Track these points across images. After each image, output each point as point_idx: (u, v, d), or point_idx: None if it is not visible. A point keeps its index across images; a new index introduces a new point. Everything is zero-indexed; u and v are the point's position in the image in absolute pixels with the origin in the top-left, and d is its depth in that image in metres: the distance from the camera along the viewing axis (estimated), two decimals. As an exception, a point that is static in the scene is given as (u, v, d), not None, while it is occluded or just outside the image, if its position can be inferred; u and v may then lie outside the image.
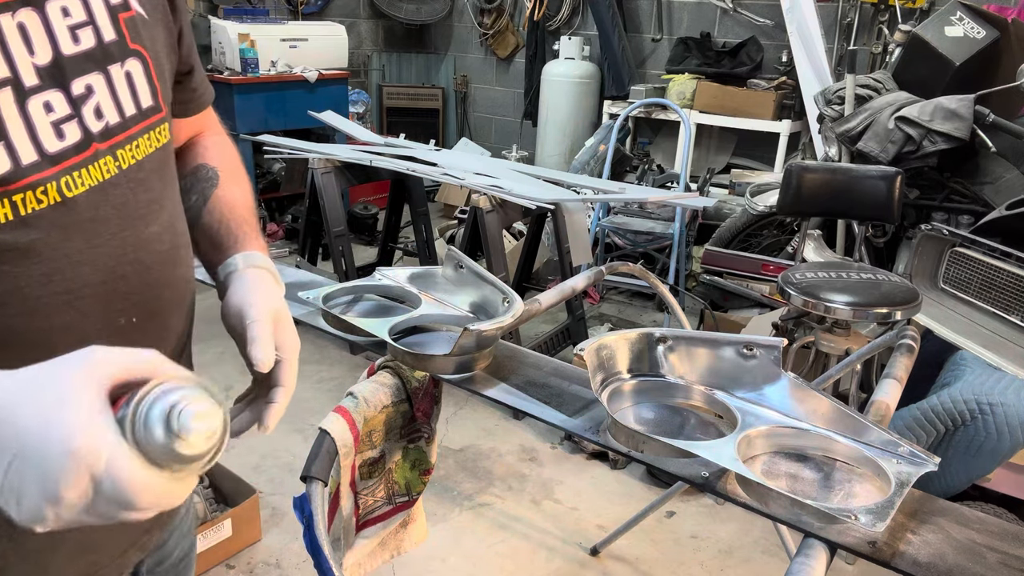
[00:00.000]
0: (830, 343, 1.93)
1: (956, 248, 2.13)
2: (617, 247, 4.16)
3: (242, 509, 2.13)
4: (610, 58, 4.96)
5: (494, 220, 2.86)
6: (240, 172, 0.92)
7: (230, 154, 0.93)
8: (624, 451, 0.93)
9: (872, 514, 0.78)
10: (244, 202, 0.88)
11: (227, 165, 0.91)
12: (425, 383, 1.16)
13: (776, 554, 2.24)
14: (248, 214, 0.87)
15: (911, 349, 1.32)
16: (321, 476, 0.96)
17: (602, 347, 1.02)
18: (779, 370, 0.99)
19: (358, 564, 1.15)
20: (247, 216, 0.86)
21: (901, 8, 3.99)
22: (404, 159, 3.25)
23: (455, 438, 2.78)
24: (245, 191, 0.90)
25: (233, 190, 0.88)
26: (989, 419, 1.99)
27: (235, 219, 0.85)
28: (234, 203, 0.87)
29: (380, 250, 3.93)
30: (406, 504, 1.22)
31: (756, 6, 4.58)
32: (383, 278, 1.30)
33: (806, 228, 2.61)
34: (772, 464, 0.92)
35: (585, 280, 1.58)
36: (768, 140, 4.49)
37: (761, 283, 3.37)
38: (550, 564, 2.19)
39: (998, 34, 2.84)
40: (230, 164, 0.91)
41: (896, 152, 2.80)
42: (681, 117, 4.04)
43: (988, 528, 0.83)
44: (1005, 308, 2.05)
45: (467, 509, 2.40)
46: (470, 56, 6.09)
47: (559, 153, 5.18)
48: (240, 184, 0.90)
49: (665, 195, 3.34)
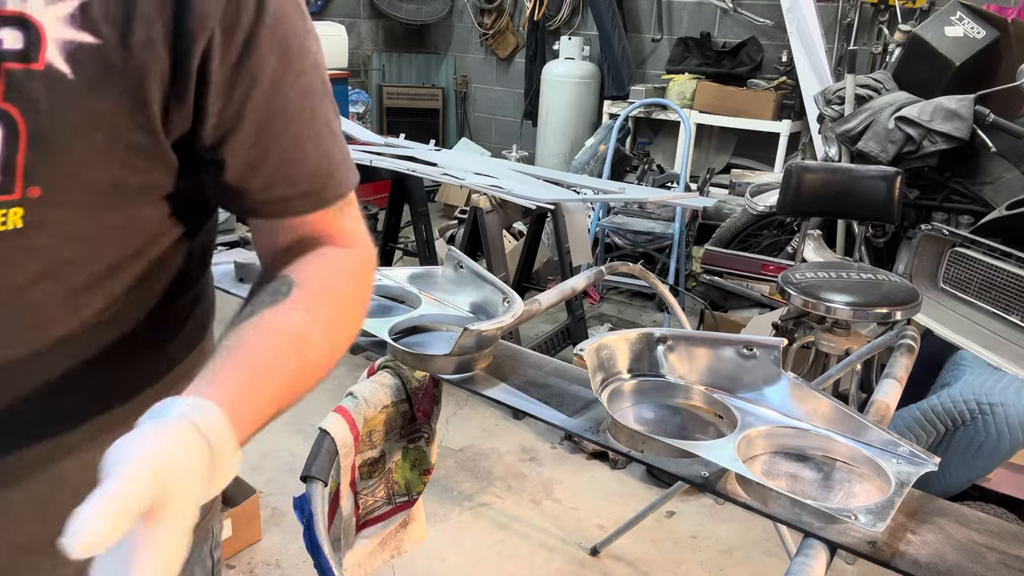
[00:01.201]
0: (830, 343, 1.93)
1: (956, 248, 2.13)
2: (617, 247, 4.15)
3: (242, 509, 2.13)
4: (610, 58, 4.96)
5: (494, 220, 2.86)
6: (328, 307, 0.63)
7: (335, 277, 0.65)
8: (624, 451, 0.93)
9: (872, 514, 0.78)
10: (283, 343, 0.59)
11: (313, 290, 0.63)
12: (425, 383, 1.16)
13: (776, 554, 2.24)
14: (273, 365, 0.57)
15: (911, 349, 1.32)
16: (321, 476, 0.96)
17: (602, 347, 1.02)
18: (779, 370, 0.99)
19: (358, 564, 1.15)
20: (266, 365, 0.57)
21: (901, 8, 3.99)
22: (404, 159, 3.25)
23: (455, 438, 2.78)
24: (309, 334, 0.60)
25: (290, 320, 0.60)
26: (989, 419, 1.99)
27: (239, 357, 0.56)
28: (267, 333, 0.59)
29: (380, 250, 3.93)
30: (406, 504, 1.22)
31: (756, 6, 4.58)
32: (383, 278, 1.30)
33: (806, 228, 2.60)
34: (772, 464, 0.92)
35: (585, 280, 1.58)
36: (768, 140, 4.49)
37: (761, 283, 3.37)
38: (550, 564, 2.19)
39: (998, 34, 2.84)
40: (319, 290, 0.63)
41: (896, 152, 2.80)
42: (681, 117, 4.04)
43: (988, 528, 0.83)
44: (1005, 308, 2.05)
45: (467, 509, 2.40)
46: (470, 56, 6.09)
47: (559, 153, 5.18)
48: (312, 317, 0.61)
49: (665, 195, 3.34)
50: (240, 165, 0.60)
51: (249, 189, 0.62)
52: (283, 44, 0.58)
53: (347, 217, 0.69)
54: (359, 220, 0.71)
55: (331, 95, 0.65)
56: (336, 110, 0.66)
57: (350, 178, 0.68)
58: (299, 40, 0.60)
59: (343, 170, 0.66)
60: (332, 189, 0.66)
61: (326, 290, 0.64)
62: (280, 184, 0.62)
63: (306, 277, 0.63)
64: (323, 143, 0.64)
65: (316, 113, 0.62)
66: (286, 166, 0.62)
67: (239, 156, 0.59)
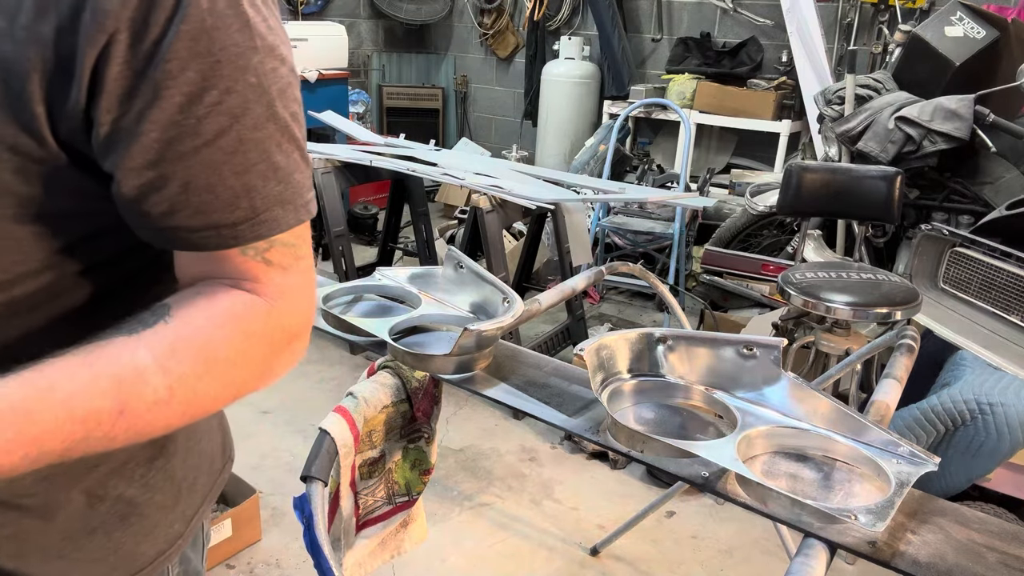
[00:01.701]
0: (830, 343, 1.93)
1: (956, 248, 2.13)
2: (617, 247, 4.16)
3: (242, 509, 2.13)
4: (610, 58, 4.96)
5: (494, 220, 2.86)
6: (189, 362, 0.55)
7: (214, 325, 0.57)
8: (624, 451, 0.93)
9: (872, 514, 0.78)
10: (105, 380, 0.52)
11: (178, 332, 0.56)
12: (425, 383, 1.16)
13: (776, 554, 2.24)
14: (75, 397, 0.50)
15: (911, 349, 1.32)
16: (321, 476, 0.96)
17: (602, 347, 1.02)
18: (779, 370, 0.99)
19: (358, 564, 1.15)
20: (63, 394, 0.50)
21: (901, 8, 3.99)
22: (404, 159, 3.25)
23: (455, 438, 2.78)
24: (146, 381, 0.53)
25: (132, 359, 0.53)
26: (989, 419, 1.99)
27: (43, 375, 0.50)
28: (93, 359, 0.52)
29: (380, 250, 3.93)
30: (406, 504, 1.22)
31: (756, 6, 4.58)
32: (383, 278, 1.30)
33: (806, 228, 2.61)
34: (772, 464, 0.92)
35: (585, 280, 1.58)
36: (768, 140, 4.49)
37: (761, 283, 3.37)
38: (550, 564, 2.19)
39: (998, 34, 2.84)
40: (186, 333, 0.56)
41: (896, 152, 2.80)
42: (681, 117, 4.04)
43: (988, 528, 0.83)
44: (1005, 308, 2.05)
45: (467, 509, 2.40)
46: (470, 56, 6.09)
47: (559, 153, 5.18)
48: (160, 365, 0.54)
49: (665, 195, 3.34)
50: (136, 184, 0.54)
51: (149, 213, 0.55)
52: (208, 57, 0.52)
53: (275, 265, 0.60)
54: (288, 270, 0.61)
55: (283, 123, 0.57)
56: (293, 139, 0.58)
57: (284, 219, 0.59)
58: (234, 55, 0.53)
59: (277, 209, 0.58)
60: (253, 228, 0.57)
61: (195, 337, 0.56)
62: (184, 212, 0.55)
63: (182, 316, 0.57)
64: (252, 175, 0.56)
65: (246, 140, 0.55)
66: (194, 193, 0.55)
67: (134, 174, 0.53)
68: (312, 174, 0.63)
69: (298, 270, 0.62)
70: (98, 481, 0.68)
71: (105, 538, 0.69)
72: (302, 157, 0.60)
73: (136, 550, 0.71)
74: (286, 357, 0.63)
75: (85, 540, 0.68)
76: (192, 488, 0.77)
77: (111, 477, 0.68)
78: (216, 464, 0.82)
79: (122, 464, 0.69)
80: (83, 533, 0.67)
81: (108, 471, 0.68)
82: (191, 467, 0.77)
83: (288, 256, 0.61)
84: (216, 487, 0.82)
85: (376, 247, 4.26)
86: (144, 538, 0.72)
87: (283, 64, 0.57)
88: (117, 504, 0.69)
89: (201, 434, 0.79)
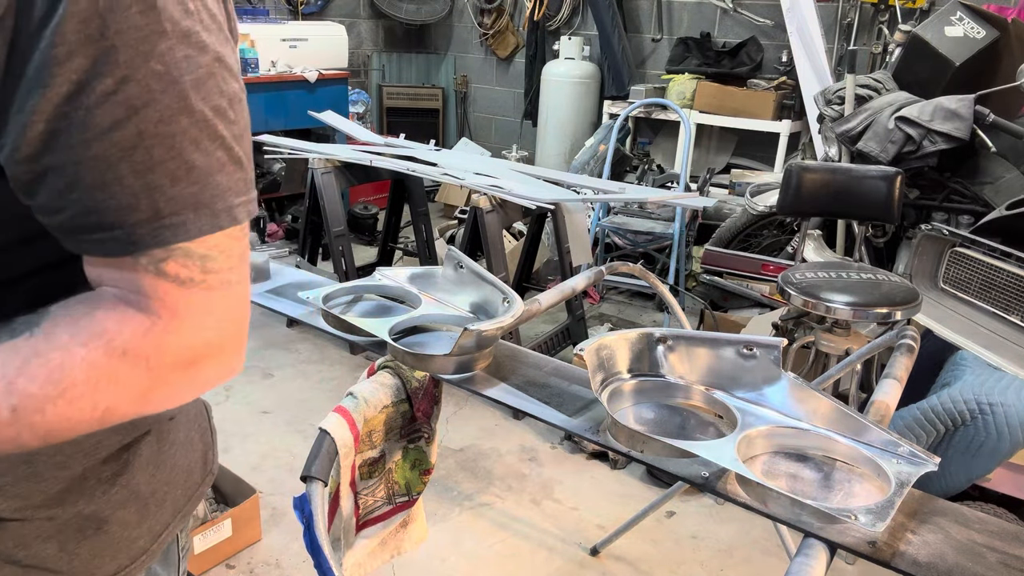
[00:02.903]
0: (830, 343, 1.93)
1: (956, 248, 2.13)
2: (617, 247, 4.16)
3: (242, 509, 2.13)
4: (610, 58, 4.96)
5: (494, 220, 2.86)
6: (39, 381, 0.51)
7: (77, 342, 0.52)
8: (624, 451, 0.93)
9: (872, 514, 0.78)
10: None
11: (38, 347, 0.52)
12: (425, 383, 1.16)
13: (776, 554, 2.24)
14: None
15: (911, 349, 1.32)
16: (321, 476, 0.96)
17: (602, 347, 1.02)
18: (779, 370, 0.99)
19: (358, 564, 1.15)
20: None
21: (901, 8, 3.99)
22: (404, 159, 3.25)
23: (455, 438, 2.78)
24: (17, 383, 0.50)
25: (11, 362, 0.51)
26: (989, 419, 1.99)
27: None
28: None
29: (380, 250, 3.94)
30: (406, 504, 1.22)
31: (756, 6, 4.58)
32: (383, 278, 1.30)
33: (806, 228, 2.61)
34: (772, 464, 0.92)
35: (585, 280, 1.58)
36: (768, 140, 4.49)
37: (761, 283, 3.37)
38: (550, 564, 2.19)
39: (998, 34, 2.84)
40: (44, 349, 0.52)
41: (896, 152, 2.80)
42: (681, 117, 4.04)
43: (988, 528, 0.83)
44: (1005, 308, 2.05)
45: (467, 509, 2.40)
46: (470, 56, 6.09)
47: (559, 153, 5.18)
48: (6, 383, 0.50)
49: (665, 195, 3.33)
50: (24, 179, 0.50)
51: (41, 209, 0.51)
52: (101, 42, 0.47)
53: (163, 275, 0.53)
54: (188, 285, 0.54)
55: (201, 117, 0.52)
56: (216, 136, 0.53)
57: (195, 224, 0.52)
58: (134, 40, 0.48)
59: (186, 213, 0.52)
60: (154, 233, 0.51)
61: (52, 354, 0.51)
62: (74, 211, 0.50)
63: (49, 333, 0.52)
64: (156, 174, 0.50)
65: (148, 134, 0.49)
66: (85, 191, 0.50)
67: (21, 167, 0.49)
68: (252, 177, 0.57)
69: (205, 286, 0.54)
70: (54, 497, 0.65)
71: (59, 549, 0.66)
72: (230, 157, 0.54)
73: (92, 563, 0.68)
74: (181, 383, 0.56)
75: (39, 547, 0.65)
76: (161, 503, 0.74)
77: (67, 493, 0.66)
78: (194, 478, 0.79)
79: (80, 479, 0.66)
80: (37, 541, 0.65)
81: (63, 488, 0.65)
82: (161, 482, 0.74)
83: (192, 269, 0.53)
84: (193, 501, 0.79)
85: (376, 247, 4.26)
86: (102, 552, 0.69)
87: (202, 52, 0.51)
88: (74, 519, 0.66)
89: (176, 447, 0.76)
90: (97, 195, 0.50)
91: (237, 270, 0.56)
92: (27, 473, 0.63)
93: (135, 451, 0.71)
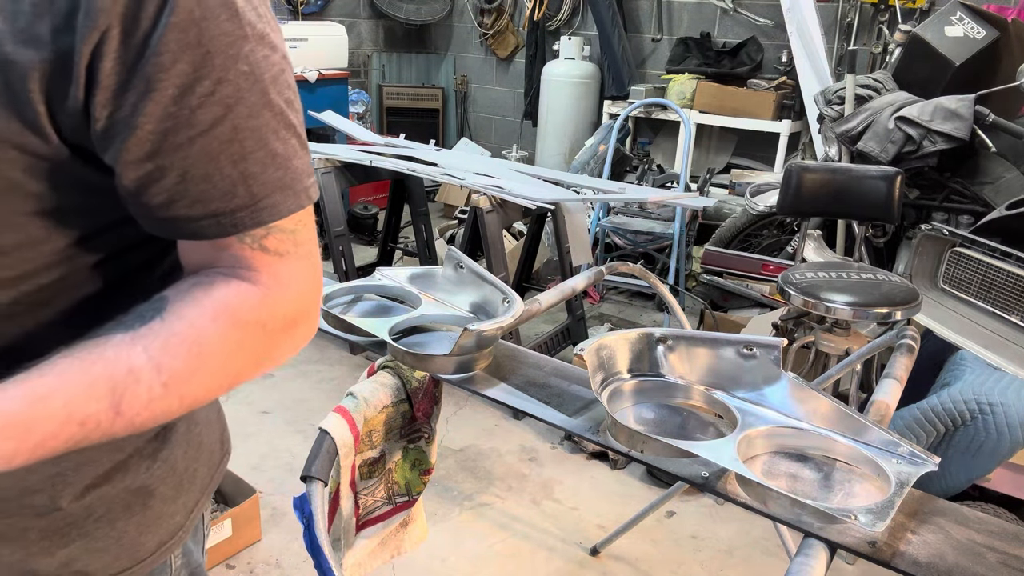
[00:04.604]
0: (830, 343, 1.93)
1: (956, 248, 2.13)
2: (617, 247, 4.16)
3: (242, 509, 2.13)
4: (610, 58, 4.96)
5: (494, 220, 2.86)
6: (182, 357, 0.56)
7: (208, 319, 0.58)
8: (624, 451, 0.93)
9: (872, 514, 0.78)
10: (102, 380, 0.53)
11: (173, 328, 0.57)
12: (425, 383, 1.16)
13: (776, 554, 2.24)
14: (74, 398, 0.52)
15: (911, 349, 1.32)
16: (321, 476, 0.96)
17: (602, 347, 1.02)
18: (779, 370, 0.99)
19: (358, 564, 1.15)
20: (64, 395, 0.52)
21: (901, 8, 3.99)
22: (404, 159, 3.25)
23: (455, 438, 2.78)
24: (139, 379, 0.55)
25: (129, 351, 0.55)
26: (989, 419, 1.99)
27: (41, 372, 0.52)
28: (90, 362, 0.54)
29: (380, 250, 3.93)
30: (406, 504, 1.22)
31: (756, 6, 4.58)
32: (383, 278, 1.30)
33: (806, 228, 2.61)
34: (772, 464, 0.92)
35: (585, 280, 1.58)
36: (768, 140, 4.49)
37: (761, 283, 3.37)
38: (550, 564, 2.19)
39: (998, 34, 2.84)
40: (180, 329, 0.57)
41: (896, 152, 2.80)
42: (681, 117, 4.04)
43: (988, 528, 0.83)
44: (1005, 308, 2.05)
45: (467, 509, 2.40)
46: (470, 56, 6.09)
47: (559, 153, 5.18)
48: (155, 364, 0.55)
49: (665, 195, 3.33)
50: (135, 176, 0.55)
51: (149, 204, 0.56)
52: (199, 48, 0.52)
53: (272, 252, 0.60)
54: (286, 256, 0.61)
55: (279, 110, 0.58)
56: (289, 125, 0.59)
57: (284, 205, 0.59)
58: (224, 45, 0.54)
59: (276, 195, 0.59)
60: (252, 215, 0.58)
61: (188, 332, 0.57)
62: (183, 202, 0.56)
63: (177, 310, 0.57)
64: (249, 163, 0.57)
65: (241, 128, 0.55)
66: (192, 183, 0.55)
67: (132, 166, 0.55)
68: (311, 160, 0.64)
69: (297, 256, 0.62)
70: (102, 476, 0.69)
71: (109, 527, 0.70)
72: (300, 143, 0.60)
73: (139, 540, 0.72)
74: (286, 344, 0.63)
75: (91, 527, 0.69)
76: (192, 480, 0.78)
77: (115, 471, 0.69)
78: (215, 456, 0.83)
79: (127, 457, 0.70)
80: (88, 521, 0.69)
81: (111, 467, 0.69)
82: (191, 459, 0.78)
83: (286, 242, 0.61)
84: (215, 479, 0.83)
85: (376, 247, 4.26)
86: (147, 528, 0.73)
87: (275, 51, 0.57)
88: (122, 495, 0.70)
89: (201, 426, 0.80)
90: (202, 186, 0.56)
91: (315, 241, 0.64)
92: (85, 459, 0.67)
93: (172, 428, 0.75)
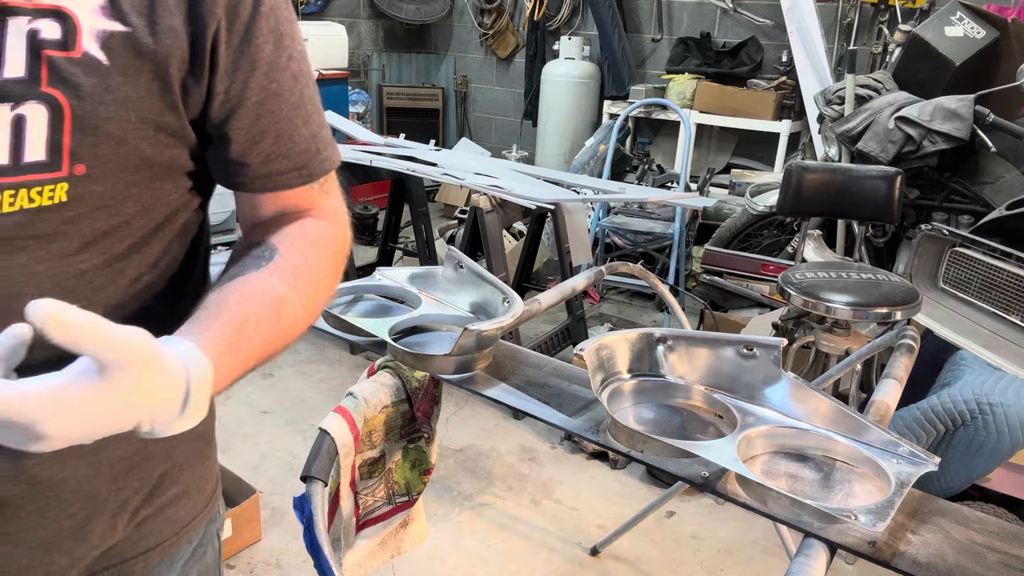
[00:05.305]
0: (830, 343, 1.93)
1: (956, 248, 2.13)
2: (617, 247, 4.16)
3: (242, 509, 2.13)
4: (610, 58, 4.96)
5: (494, 220, 2.86)
6: (305, 278, 0.68)
7: (312, 248, 0.70)
8: (624, 451, 0.93)
9: (872, 514, 0.78)
10: (265, 307, 0.63)
11: (293, 260, 0.68)
12: (425, 383, 1.16)
13: (776, 554, 2.24)
14: (255, 325, 0.62)
15: (911, 349, 1.32)
16: (321, 476, 0.96)
17: (602, 347, 1.02)
18: (779, 370, 0.99)
19: (358, 564, 1.15)
20: (249, 325, 0.61)
21: (901, 8, 3.99)
22: (404, 159, 3.25)
23: (455, 438, 2.78)
24: (287, 300, 0.65)
25: (271, 286, 0.65)
26: (989, 419, 1.99)
27: (229, 315, 0.61)
28: (251, 294, 0.63)
29: (380, 250, 3.93)
30: (406, 504, 1.22)
31: (756, 6, 4.58)
32: (383, 278, 1.30)
33: (806, 228, 2.60)
34: (772, 464, 0.92)
35: (585, 280, 1.58)
36: (768, 140, 4.49)
37: (761, 283, 3.37)
38: (550, 564, 2.19)
39: (998, 34, 2.84)
40: (298, 260, 0.68)
41: (896, 152, 2.80)
42: (681, 117, 4.04)
43: (988, 528, 0.83)
44: (1005, 308, 2.05)
45: (467, 509, 2.40)
46: (470, 56, 6.09)
47: (559, 153, 5.18)
48: (290, 285, 0.66)
49: (665, 195, 3.34)
50: (243, 141, 0.66)
51: (250, 164, 0.68)
52: (276, 32, 0.65)
53: (328, 193, 0.75)
54: (339, 196, 0.77)
55: (314, 80, 0.71)
56: (318, 94, 0.72)
57: (334, 156, 0.73)
58: (289, 29, 0.66)
59: (328, 149, 0.73)
60: (319, 165, 0.71)
61: (304, 261, 0.69)
62: (276, 159, 0.68)
63: (288, 247, 0.69)
64: (311, 123, 0.70)
65: (304, 96, 0.69)
66: (281, 142, 0.68)
67: (242, 133, 0.65)
68: None
69: (338, 196, 0.77)
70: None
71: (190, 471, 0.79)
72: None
73: (205, 487, 0.82)
74: (342, 271, 0.77)
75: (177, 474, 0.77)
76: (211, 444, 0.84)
77: None
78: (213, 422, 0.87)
79: None
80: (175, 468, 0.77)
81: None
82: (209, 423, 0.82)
83: (332, 184, 0.75)
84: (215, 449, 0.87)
85: (376, 247, 4.26)
86: (207, 476, 0.83)
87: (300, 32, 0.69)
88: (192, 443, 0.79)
89: None
90: (288, 145, 0.68)
91: None
92: None
93: None
